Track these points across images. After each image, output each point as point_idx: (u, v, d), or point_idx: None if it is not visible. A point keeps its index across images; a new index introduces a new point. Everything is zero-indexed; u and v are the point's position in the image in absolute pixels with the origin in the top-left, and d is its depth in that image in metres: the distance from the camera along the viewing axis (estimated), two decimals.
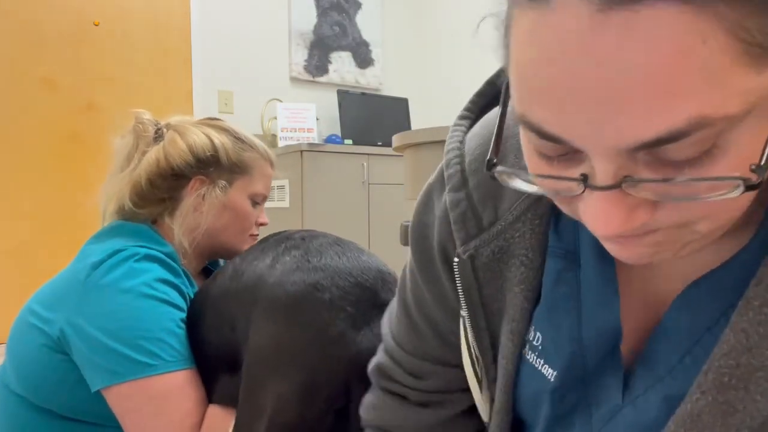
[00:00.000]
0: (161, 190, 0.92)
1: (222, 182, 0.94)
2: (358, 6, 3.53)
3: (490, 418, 0.53)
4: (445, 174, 0.50)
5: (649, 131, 0.27)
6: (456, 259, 0.49)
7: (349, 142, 3.17)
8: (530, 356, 0.48)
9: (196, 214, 0.94)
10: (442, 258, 0.52)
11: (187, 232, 0.93)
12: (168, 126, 0.97)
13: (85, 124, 2.70)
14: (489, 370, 0.52)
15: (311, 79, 3.38)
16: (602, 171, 0.29)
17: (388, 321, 0.63)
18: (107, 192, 0.95)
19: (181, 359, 0.79)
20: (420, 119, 3.57)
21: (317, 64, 3.39)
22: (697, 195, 0.29)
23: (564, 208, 0.36)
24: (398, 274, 0.59)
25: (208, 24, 3.02)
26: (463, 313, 0.50)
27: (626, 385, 0.44)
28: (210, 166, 0.93)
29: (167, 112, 1.03)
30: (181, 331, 0.81)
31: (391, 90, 3.71)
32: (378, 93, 3.62)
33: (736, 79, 0.26)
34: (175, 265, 0.88)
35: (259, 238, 0.97)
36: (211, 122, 0.99)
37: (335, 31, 3.45)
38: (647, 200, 0.30)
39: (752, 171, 0.27)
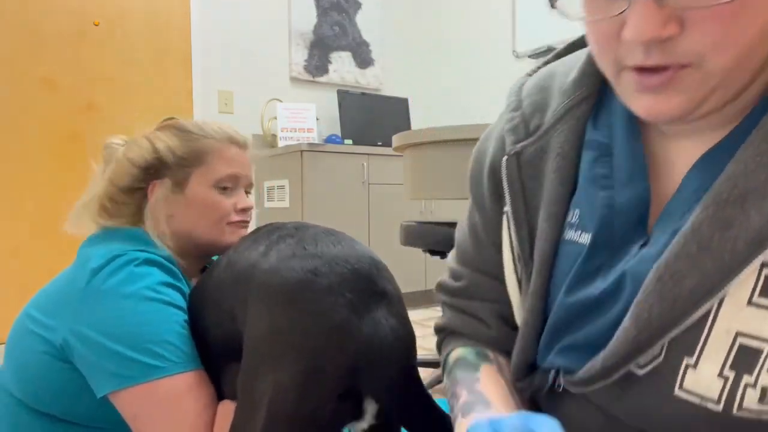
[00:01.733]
0: (127, 205, 0.92)
1: (177, 179, 0.93)
2: (358, 6, 3.53)
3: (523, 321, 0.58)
4: (507, 100, 0.61)
5: None
6: (505, 157, 0.57)
7: (349, 142, 3.17)
8: (569, 234, 0.53)
9: (170, 221, 0.92)
10: (490, 175, 0.62)
11: (168, 238, 0.92)
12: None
13: (85, 124, 2.70)
14: (527, 264, 0.57)
15: (311, 79, 3.38)
16: None
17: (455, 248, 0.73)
18: (84, 219, 0.95)
19: (188, 360, 0.78)
20: (420, 119, 3.57)
21: (317, 64, 3.39)
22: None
23: (606, 56, 0.44)
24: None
25: (208, 24, 3.02)
26: (507, 207, 0.58)
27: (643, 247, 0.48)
28: (158, 169, 0.92)
29: (167, 112, 1.02)
30: (186, 333, 0.80)
31: (391, 90, 3.71)
32: (378, 93, 3.63)
33: None
34: (174, 268, 0.87)
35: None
36: (161, 124, 0.98)
37: (335, 31, 3.45)
38: (678, 17, 0.38)
39: None
